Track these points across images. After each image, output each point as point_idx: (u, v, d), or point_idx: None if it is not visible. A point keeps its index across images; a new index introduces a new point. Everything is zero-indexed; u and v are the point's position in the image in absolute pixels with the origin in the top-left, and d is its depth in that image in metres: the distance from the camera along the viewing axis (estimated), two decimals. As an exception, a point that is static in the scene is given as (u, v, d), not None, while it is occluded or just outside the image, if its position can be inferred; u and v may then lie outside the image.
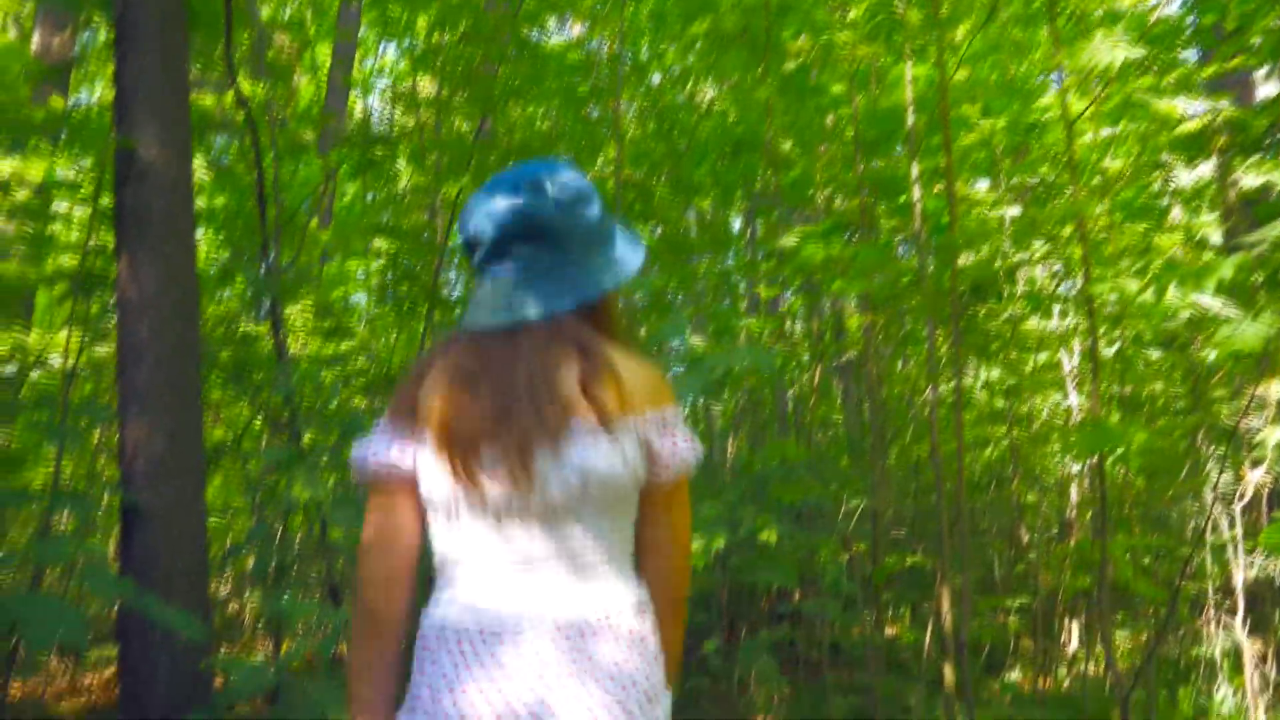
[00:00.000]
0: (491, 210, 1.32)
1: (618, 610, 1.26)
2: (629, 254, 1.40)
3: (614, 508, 1.28)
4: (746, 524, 2.71)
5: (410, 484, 1.29)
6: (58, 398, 3.30)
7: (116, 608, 6.66)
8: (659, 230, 6.13)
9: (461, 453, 1.24)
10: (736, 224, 9.20)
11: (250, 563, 5.80)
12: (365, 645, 1.28)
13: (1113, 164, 4.49)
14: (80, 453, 6.52)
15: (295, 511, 3.55)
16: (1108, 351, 4.11)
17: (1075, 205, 2.45)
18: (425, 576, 1.35)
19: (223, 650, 5.09)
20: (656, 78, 7.40)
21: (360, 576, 1.29)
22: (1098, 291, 2.35)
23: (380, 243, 7.92)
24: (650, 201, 6.29)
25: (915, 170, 3.43)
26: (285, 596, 2.91)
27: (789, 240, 2.87)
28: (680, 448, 1.30)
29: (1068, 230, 3.26)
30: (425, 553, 1.33)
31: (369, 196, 11.99)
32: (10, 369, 4.57)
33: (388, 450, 1.29)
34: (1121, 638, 5.68)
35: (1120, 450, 3.11)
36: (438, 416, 1.26)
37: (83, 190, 4.38)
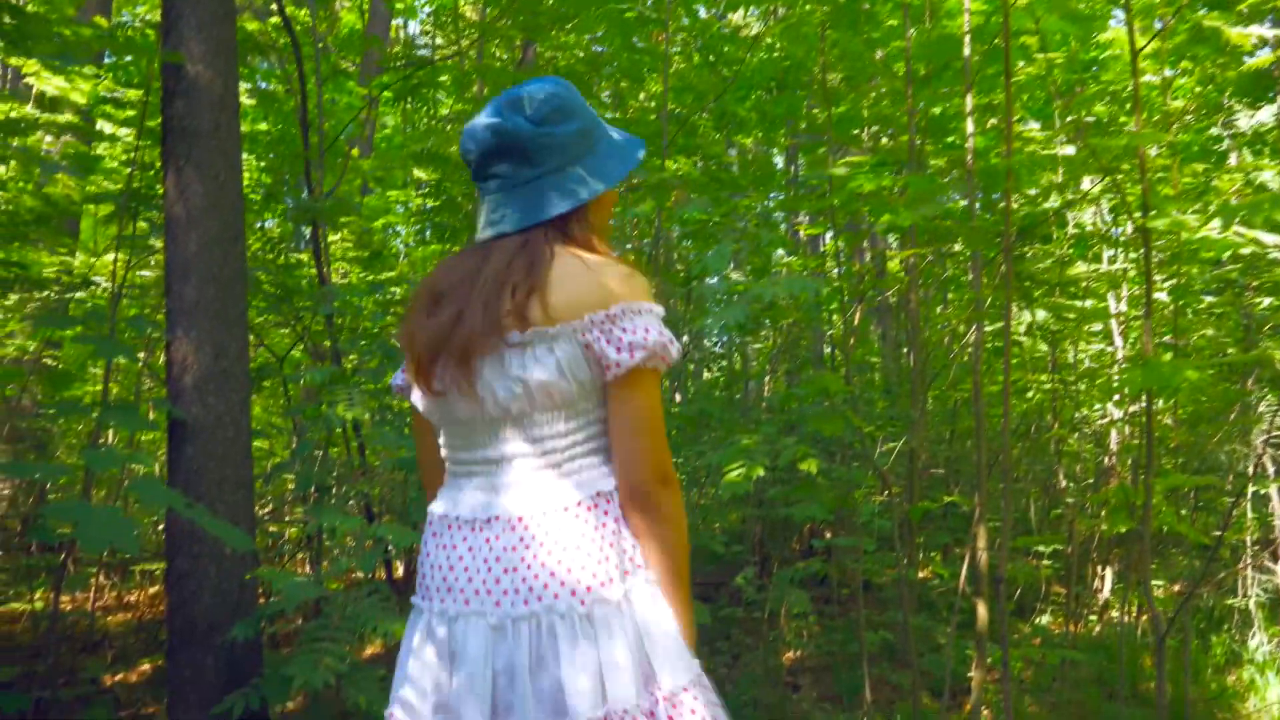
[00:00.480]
0: (474, 130, 1.42)
1: (576, 501, 1.35)
2: (616, 160, 1.46)
3: (566, 409, 1.35)
4: (786, 454, 2.70)
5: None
6: (105, 314, 3.35)
7: (164, 525, 6.84)
8: (701, 165, 6.04)
9: (418, 365, 1.38)
10: (779, 162, 9.06)
11: (290, 485, 5.93)
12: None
13: (1174, 104, 4.34)
14: (125, 376, 6.66)
15: (336, 432, 3.60)
16: (1159, 295, 4.01)
17: (1137, 137, 2.36)
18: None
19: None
20: (702, 10, 7.24)
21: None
22: (1157, 226, 2.28)
23: (421, 173, 7.90)
24: (694, 136, 6.19)
25: (970, 103, 3.34)
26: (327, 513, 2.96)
27: (838, 170, 2.81)
28: (630, 342, 1.32)
29: (1125, 166, 3.16)
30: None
31: (408, 129, 11.97)
32: (57, 291, 4.64)
33: (402, 373, 1.46)
34: (1155, 587, 5.65)
35: (1170, 390, 3.06)
36: (406, 334, 1.42)
37: (129, 110, 4.38)
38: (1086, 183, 4.74)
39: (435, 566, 1.39)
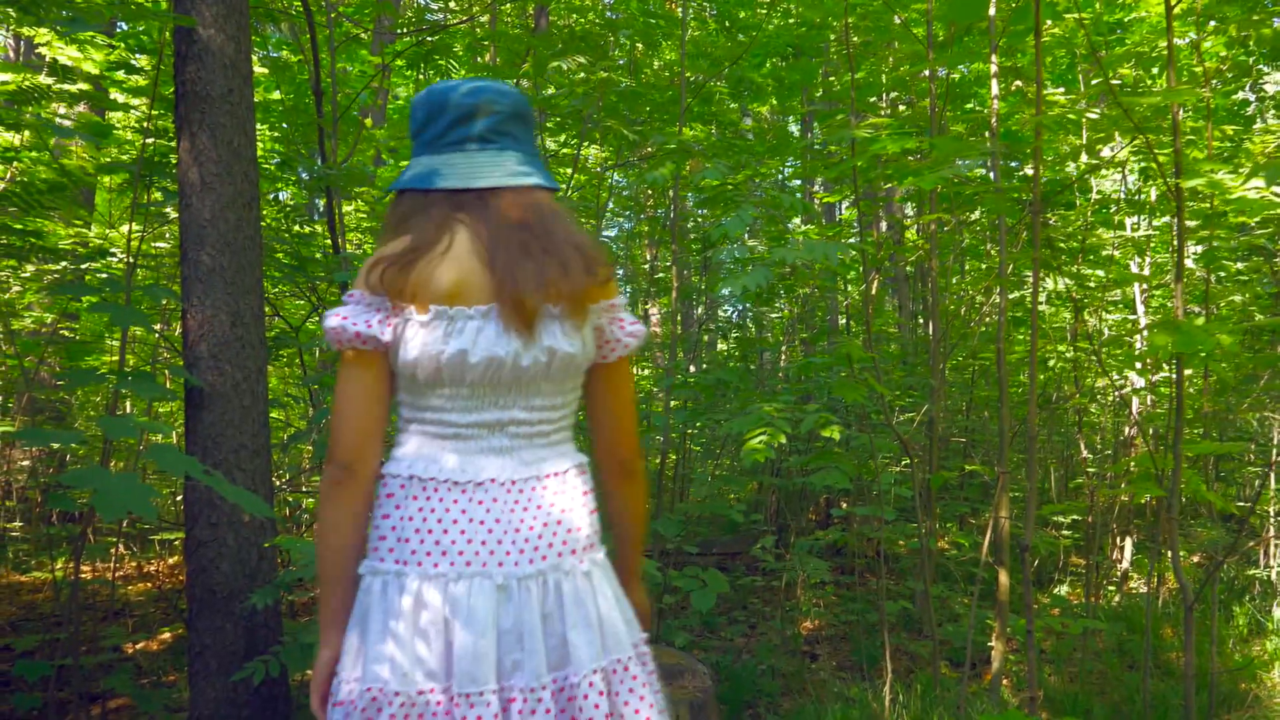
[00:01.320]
0: (500, 89, 1.44)
1: (565, 469, 1.42)
2: None
3: (566, 383, 1.42)
4: (808, 422, 2.67)
5: (384, 353, 1.36)
6: (122, 283, 3.33)
7: (182, 495, 6.88)
8: (716, 132, 5.97)
9: (516, 309, 1.33)
10: (795, 131, 8.96)
11: (308, 454, 5.94)
12: (339, 502, 1.36)
13: (1205, 65, 4.24)
14: (141, 348, 6.68)
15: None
16: (1187, 263, 3.94)
17: (1170, 94, 2.29)
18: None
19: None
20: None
21: (336, 435, 1.35)
22: (1192, 185, 2.21)
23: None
24: (710, 104, 6.12)
25: (995, 63, 3.26)
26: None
27: (861, 131, 2.75)
28: (626, 330, 1.45)
29: (1158, 125, 3.09)
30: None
31: (421, 99, 11.87)
32: (72, 262, 4.63)
33: (367, 321, 1.34)
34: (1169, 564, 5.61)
35: (1201, 355, 3.00)
36: (446, 289, 1.33)
37: (142, 79, 4.34)
38: (1108, 151, 4.65)
39: (418, 530, 1.33)
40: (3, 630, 4.59)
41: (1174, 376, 2.77)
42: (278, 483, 5.98)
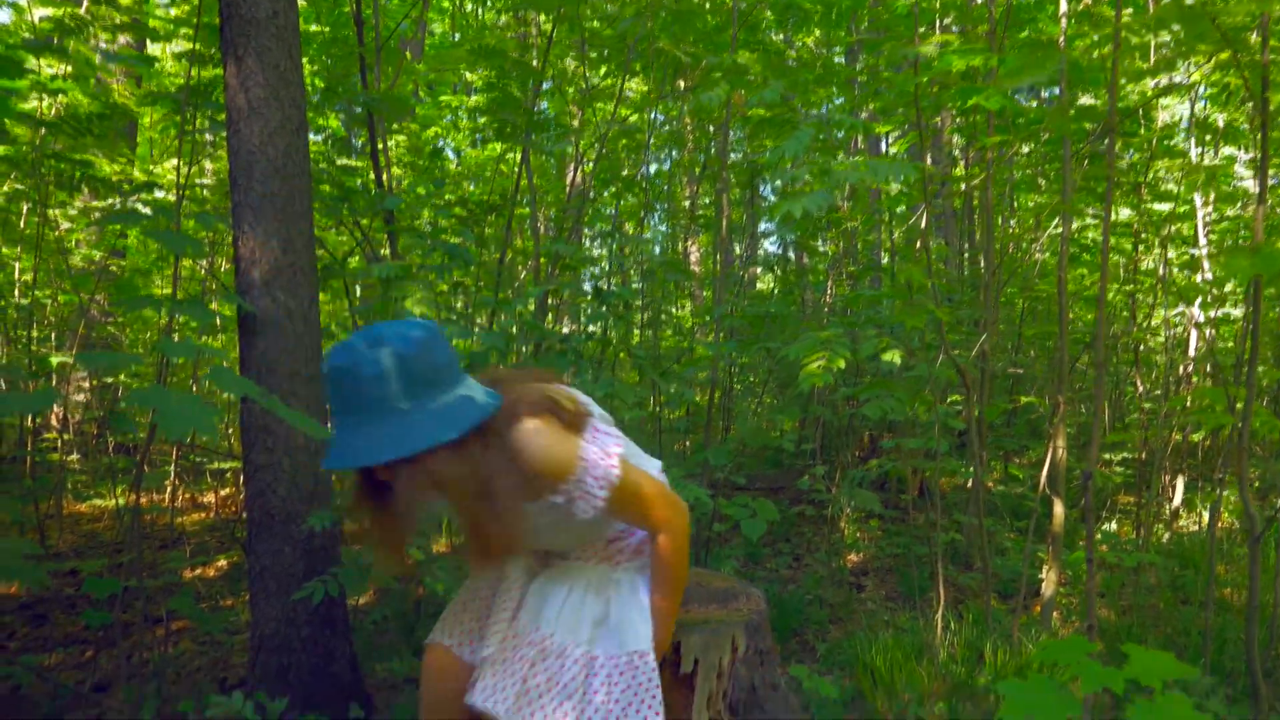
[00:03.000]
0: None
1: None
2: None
3: (580, 537, 1.73)
4: (867, 346, 2.62)
5: None
6: (172, 210, 3.33)
7: (234, 427, 6.97)
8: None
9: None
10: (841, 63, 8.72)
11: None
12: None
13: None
14: (189, 284, 6.74)
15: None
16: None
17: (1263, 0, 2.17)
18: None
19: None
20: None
21: (671, 497, 1.69)
22: None
23: (473, 76, 7.73)
24: (756, 31, 5.96)
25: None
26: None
27: (927, 48, 2.64)
28: (588, 502, 1.54)
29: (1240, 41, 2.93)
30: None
31: (455, 36, 11.75)
32: (119, 197, 4.65)
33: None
34: (1227, 498, 5.53)
35: None
36: None
37: (182, 6, 4.30)
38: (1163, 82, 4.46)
39: None
40: (67, 556, 4.72)
41: (1243, 310, 2.68)
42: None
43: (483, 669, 1.59)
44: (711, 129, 7.58)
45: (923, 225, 4.36)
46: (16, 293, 5.57)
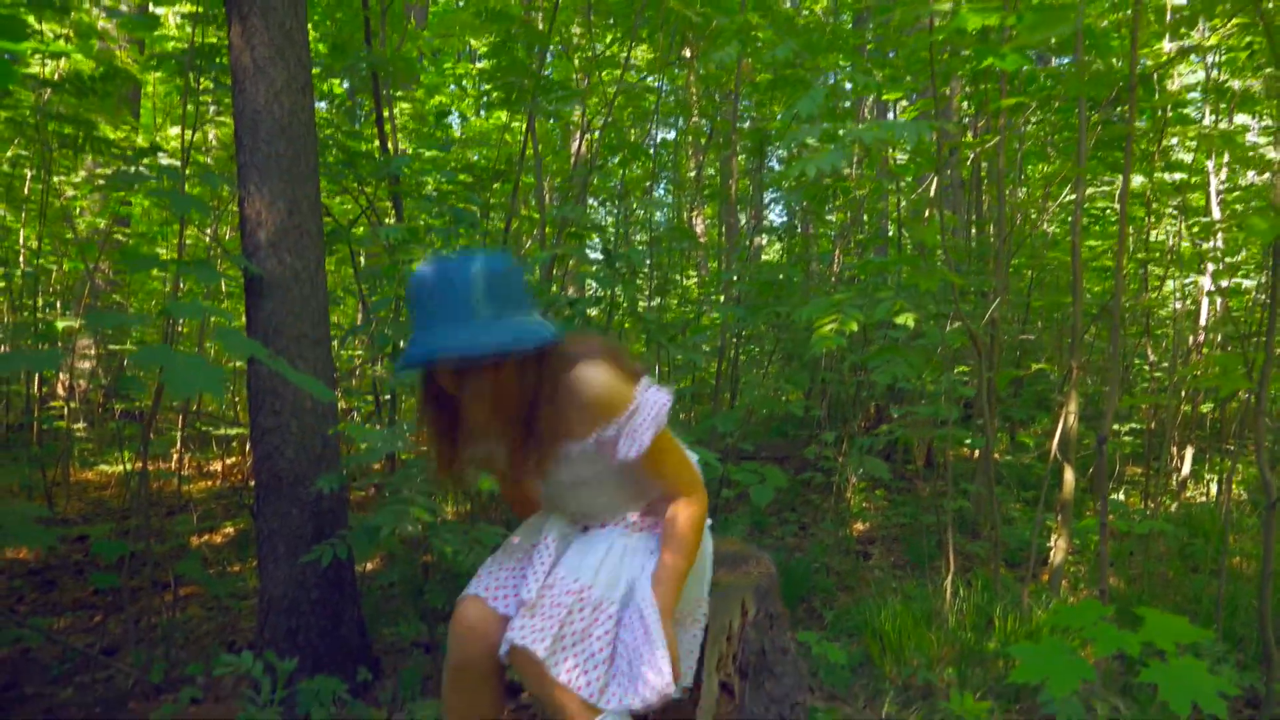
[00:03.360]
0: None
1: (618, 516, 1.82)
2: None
3: (612, 501, 1.78)
4: (880, 309, 2.59)
5: None
6: (177, 172, 3.30)
7: (238, 394, 6.96)
8: (771, 26, 5.73)
9: None
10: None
11: (359, 355, 5.98)
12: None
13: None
14: (194, 249, 6.71)
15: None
16: (1274, 154, 3.74)
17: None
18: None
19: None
20: None
21: (696, 473, 1.81)
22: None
23: (477, 43, 7.65)
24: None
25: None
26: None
27: (942, 4, 2.59)
28: (633, 440, 1.60)
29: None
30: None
31: (460, 3, 11.63)
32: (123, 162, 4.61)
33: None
34: (1239, 469, 5.51)
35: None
36: None
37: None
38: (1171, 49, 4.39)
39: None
40: (75, 523, 4.73)
41: (1254, 281, 2.64)
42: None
43: (521, 612, 1.62)
44: (718, 98, 7.51)
45: (933, 190, 4.32)
46: (22, 260, 5.55)
